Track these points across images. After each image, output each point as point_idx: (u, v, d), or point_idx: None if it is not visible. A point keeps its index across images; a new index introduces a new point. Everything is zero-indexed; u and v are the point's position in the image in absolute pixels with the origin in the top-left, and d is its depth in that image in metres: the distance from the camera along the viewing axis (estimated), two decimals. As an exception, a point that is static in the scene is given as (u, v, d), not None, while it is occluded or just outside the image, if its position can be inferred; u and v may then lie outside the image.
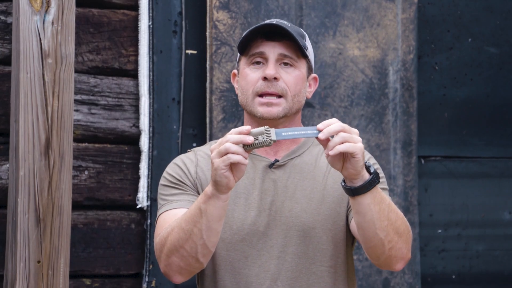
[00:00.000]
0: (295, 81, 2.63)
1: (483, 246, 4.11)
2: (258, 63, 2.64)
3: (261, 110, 2.61)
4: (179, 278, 2.53)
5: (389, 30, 3.84)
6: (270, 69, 2.61)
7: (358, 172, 2.37)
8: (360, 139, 2.35)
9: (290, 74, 2.63)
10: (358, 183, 2.39)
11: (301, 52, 2.65)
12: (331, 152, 2.33)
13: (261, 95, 2.62)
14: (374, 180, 2.39)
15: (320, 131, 2.35)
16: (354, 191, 2.40)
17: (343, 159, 2.37)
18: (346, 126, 2.35)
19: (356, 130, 2.37)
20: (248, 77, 2.64)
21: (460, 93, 4.10)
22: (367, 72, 3.81)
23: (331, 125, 2.35)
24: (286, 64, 2.64)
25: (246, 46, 2.66)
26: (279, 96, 2.62)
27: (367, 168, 2.41)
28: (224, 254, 2.60)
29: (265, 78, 2.61)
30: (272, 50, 2.63)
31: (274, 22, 2.64)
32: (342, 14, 3.78)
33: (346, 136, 2.33)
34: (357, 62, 3.80)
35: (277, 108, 2.61)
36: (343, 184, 2.42)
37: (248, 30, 2.67)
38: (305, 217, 2.60)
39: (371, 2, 3.81)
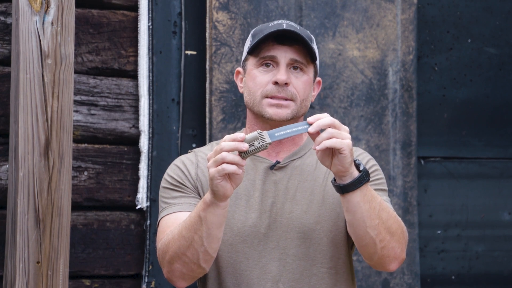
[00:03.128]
0: (304, 86, 2.63)
1: (483, 247, 4.11)
2: (267, 65, 2.64)
3: (270, 112, 2.61)
4: (183, 284, 2.54)
5: (388, 30, 3.84)
6: (282, 74, 2.60)
7: (346, 169, 2.38)
8: (349, 136, 2.36)
9: (300, 79, 2.63)
10: (347, 180, 2.40)
11: (310, 57, 2.64)
12: (318, 147, 2.34)
13: (270, 98, 2.62)
14: (363, 177, 2.40)
15: (310, 124, 2.36)
16: (343, 188, 2.40)
17: (331, 156, 2.38)
18: (336, 121, 2.36)
19: (346, 127, 2.37)
20: (257, 79, 2.63)
21: (459, 94, 4.10)
22: (367, 73, 3.81)
23: (321, 119, 2.35)
24: (295, 68, 2.63)
25: (256, 47, 2.65)
26: (288, 100, 2.62)
27: (357, 166, 2.41)
28: (226, 256, 2.59)
29: (275, 83, 2.61)
30: (284, 55, 2.62)
31: (284, 26, 2.62)
32: (342, 15, 3.78)
33: (334, 132, 2.34)
34: (356, 62, 3.80)
35: (286, 110, 2.61)
36: (333, 181, 2.43)
37: (259, 32, 2.64)
38: (305, 219, 2.60)
39: (370, 2, 3.81)
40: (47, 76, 3.07)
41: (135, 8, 3.59)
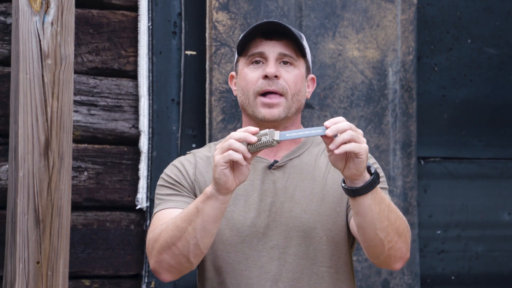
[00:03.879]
0: (295, 79, 2.63)
1: (483, 247, 4.11)
2: (257, 62, 2.64)
3: (263, 112, 2.61)
4: (168, 276, 2.52)
5: (388, 31, 3.84)
6: (271, 67, 2.61)
7: (361, 173, 2.37)
8: (365, 140, 2.35)
9: (290, 73, 2.63)
10: (359, 183, 2.38)
11: (300, 52, 2.65)
12: (336, 151, 2.32)
13: (262, 94, 2.62)
14: (375, 180, 2.39)
15: (327, 128, 2.34)
16: (355, 192, 2.39)
17: (346, 159, 2.37)
18: (353, 126, 2.35)
19: (361, 131, 2.36)
20: (248, 77, 2.64)
21: (459, 94, 4.10)
22: (367, 73, 3.81)
23: (340, 123, 2.35)
24: (285, 63, 2.64)
25: (244, 47, 2.65)
26: (280, 95, 2.61)
27: (368, 169, 2.40)
28: (225, 256, 2.59)
29: (265, 77, 2.61)
30: (272, 49, 2.63)
31: (272, 20, 2.64)
32: (342, 15, 3.78)
33: (354, 135, 2.33)
34: (356, 63, 3.80)
35: (278, 109, 2.61)
36: (343, 185, 2.42)
37: (246, 30, 2.67)
38: (305, 218, 2.59)
39: (370, 3, 3.81)
40: (47, 76, 3.07)
41: (135, 8, 3.59)
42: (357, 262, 3.75)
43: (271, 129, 2.36)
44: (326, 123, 2.35)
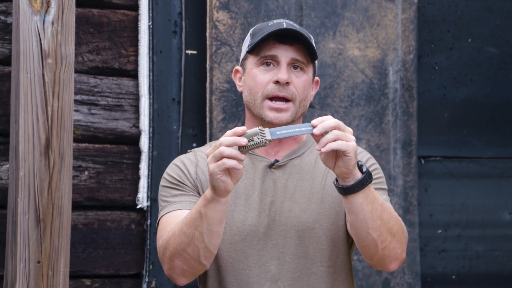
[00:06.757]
0: (304, 85, 2.63)
1: (483, 246, 4.11)
2: (268, 64, 2.63)
3: (271, 115, 2.60)
4: (183, 280, 2.54)
5: (389, 30, 3.84)
6: (283, 74, 2.60)
7: (350, 171, 2.38)
8: (353, 138, 2.36)
9: (300, 78, 2.63)
10: (350, 182, 2.39)
11: (311, 57, 2.64)
12: (323, 149, 2.34)
13: (270, 98, 2.61)
14: (366, 179, 2.40)
15: (314, 127, 2.35)
16: (346, 190, 2.40)
17: (335, 157, 2.37)
18: (341, 123, 2.35)
19: (350, 129, 2.37)
20: (257, 78, 2.63)
21: (460, 93, 4.10)
22: (367, 72, 3.81)
23: (326, 121, 2.35)
24: (296, 67, 2.63)
25: (256, 46, 2.64)
26: (288, 100, 2.61)
27: (360, 167, 2.41)
28: (225, 255, 2.60)
29: (277, 82, 2.60)
30: (285, 54, 2.62)
31: (284, 25, 2.62)
32: (342, 14, 3.78)
33: (340, 134, 2.34)
34: (357, 62, 3.80)
35: (286, 114, 2.61)
36: (335, 183, 2.43)
37: (259, 31, 2.64)
38: (304, 218, 2.60)
39: (371, 2, 3.81)
40: (47, 76, 3.07)
41: (135, 7, 3.59)
42: (357, 262, 3.75)
43: (260, 127, 2.36)
44: (313, 122, 2.36)
